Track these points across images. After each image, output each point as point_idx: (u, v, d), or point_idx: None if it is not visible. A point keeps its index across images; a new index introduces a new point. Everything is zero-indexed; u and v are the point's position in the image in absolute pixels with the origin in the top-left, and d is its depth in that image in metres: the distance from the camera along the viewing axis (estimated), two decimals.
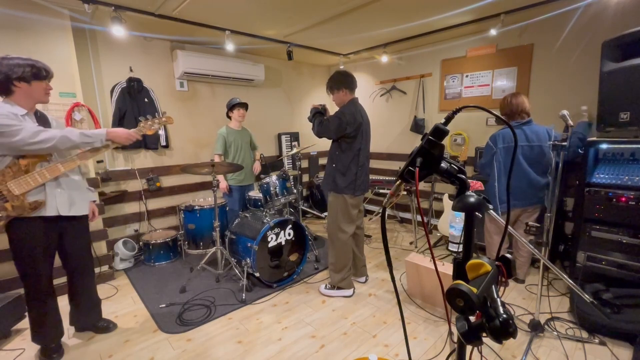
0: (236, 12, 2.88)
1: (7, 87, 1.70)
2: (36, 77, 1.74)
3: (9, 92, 1.71)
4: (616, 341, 2.01)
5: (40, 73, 1.75)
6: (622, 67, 2.31)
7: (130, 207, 3.54)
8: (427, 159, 0.77)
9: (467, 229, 0.80)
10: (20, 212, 1.73)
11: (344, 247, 2.60)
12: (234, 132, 3.42)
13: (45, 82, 1.80)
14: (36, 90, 1.76)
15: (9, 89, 1.70)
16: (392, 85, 4.59)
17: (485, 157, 2.67)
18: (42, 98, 1.81)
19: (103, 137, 1.85)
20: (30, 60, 1.73)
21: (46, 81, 1.80)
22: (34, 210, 1.76)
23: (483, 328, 0.67)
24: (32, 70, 1.71)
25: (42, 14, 2.56)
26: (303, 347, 2.07)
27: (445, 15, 3.09)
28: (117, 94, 3.34)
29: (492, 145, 2.60)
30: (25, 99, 1.75)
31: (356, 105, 2.51)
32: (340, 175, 2.52)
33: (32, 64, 1.72)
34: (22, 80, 1.70)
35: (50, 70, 1.82)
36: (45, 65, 1.79)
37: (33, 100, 1.79)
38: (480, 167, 2.73)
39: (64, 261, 2.05)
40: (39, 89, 1.77)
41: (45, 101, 1.84)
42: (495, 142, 2.59)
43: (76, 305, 2.17)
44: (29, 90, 1.74)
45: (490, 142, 2.63)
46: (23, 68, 1.69)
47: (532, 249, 1.85)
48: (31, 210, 1.75)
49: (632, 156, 2.48)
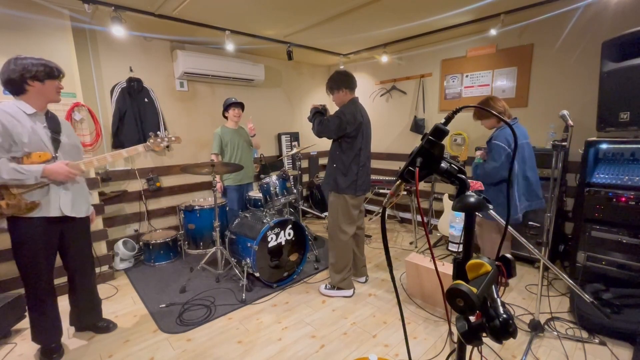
0: (236, 12, 2.88)
1: (21, 86, 1.72)
2: (49, 76, 1.77)
3: (23, 91, 1.73)
4: (616, 341, 2.01)
5: (53, 72, 1.78)
6: (622, 67, 2.31)
7: (130, 207, 3.54)
8: (427, 159, 0.77)
9: (467, 229, 0.80)
10: (15, 211, 1.72)
11: (344, 247, 2.60)
12: (230, 131, 3.42)
13: (58, 81, 1.82)
14: (49, 89, 1.78)
15: (23, 88, 1.72)
16: (392, 85, 4.59)
17: (497, 160, 2.34)
18: (54, 97, 1.83)
19: (38, 175, 1.71)
20: (42, 60, 1.76)
21: (58, 80, 1.82)
22: (30, 210, 1.75)
23: (483, 328, 0.67)
24: (45, 69, 1.74)
25: (42, 14, 2.56)
26: (303, 347, 2.07)
27: (445, 15, 3.09)
28: (117, 94, 3.34)
29: (506, 146, 2.31)
30: (38, 98, 1.77)
31: (356, 105, 2.51)
32: (341, 175, 2.51)
33: (45, 63, 1.75)
34: (36, 79, 1.73)
35: (62, 70, 1.84)
36: (56, 65, 1.81)
37: (45, 99, 1.80)
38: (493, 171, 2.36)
39: (64, 261, 2.05)
40: (52, 87, 1.79)
41: (57, 100, 1.86)
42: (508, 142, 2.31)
43: (76, 305, 2.17)
44: (42, 89, 1.76)
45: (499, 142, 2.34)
46: (37, 67, 1.71)
47: (532, 249, 1.85)
48: (27, 210, 1.74)
49: (632, 156, 2.49)
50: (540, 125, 3.29)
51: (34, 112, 1.77)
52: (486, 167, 2.36)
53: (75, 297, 2.14)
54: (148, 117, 3.52)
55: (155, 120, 3.57)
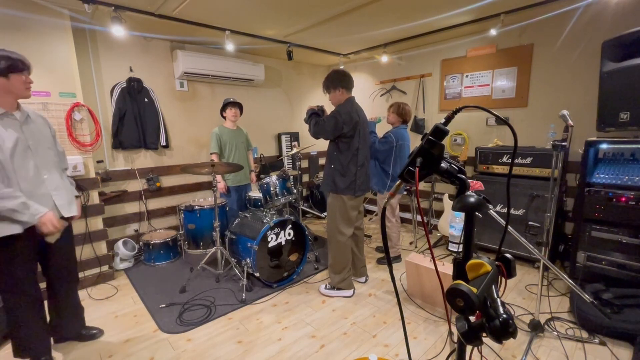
0: (236, 12, 2.88)
1: None
2: (14, 70, 1.59)
3: None
4: (616, 341, 2.01)
5: (17, 65, 1.60)
6: (622, 67, 2.31)
7: (130, 207, 3.54)
8: (427, 159, 0.77)
9: (467, 229, 0.80)
10: None
11: (342, 248, 2.59)
12: (228, 131, 3.42)
13: (25, 75, 1.65)
14: (15, 85, 1.61)
15: None
16: (392, 85, 4.59)
17: (384, 146, 3.08)
18: (22, 92, 1.66)
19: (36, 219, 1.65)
20: (4, 52, 1.57)
21: (25, 73, 1.65)
22: None
23: (483, 328, 0.67)
24: (7, 62, 1.56)
25: (42, 14, 2.56)
26: (303, 347, 2.07)
27: (445, 15, 3.09)
28: (117, 94, 3.34)
29: (393, 141, 3.04)
30: (4, 95, 1.61)
31: (353, 105, 2.50)
32: (339, 176, 2.51)
33: (8, 55, 1.57)
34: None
35: (28, 62, 1.67)
36: (21, 56, 1.64)
37: (13, 96, 1.64)
38: (380, 153, 3.11)
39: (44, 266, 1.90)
40: (18, 82, 1.62)
41: (27, 96, 1.69)
42: (396, 139, 3.06)
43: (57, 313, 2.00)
44: (7, 85, 1.59)
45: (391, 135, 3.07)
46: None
47: (532, 249, 1.85)
48: None
49: (632, 156, 2.49)
50: (540, 125, 3.29)
51: (3, 112, 1.61)
52: (376, 144, 3.08)
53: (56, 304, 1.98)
54: (148, 117, 3.52)
55: (155, 120, 3.57)
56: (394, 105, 3.20)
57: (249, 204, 3.53)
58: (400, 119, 3.18)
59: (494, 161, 3.28)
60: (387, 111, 3.26)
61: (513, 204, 3.07)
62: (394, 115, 3.18)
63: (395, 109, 3.17)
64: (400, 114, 3.16)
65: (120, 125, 3.36)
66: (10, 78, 1.60)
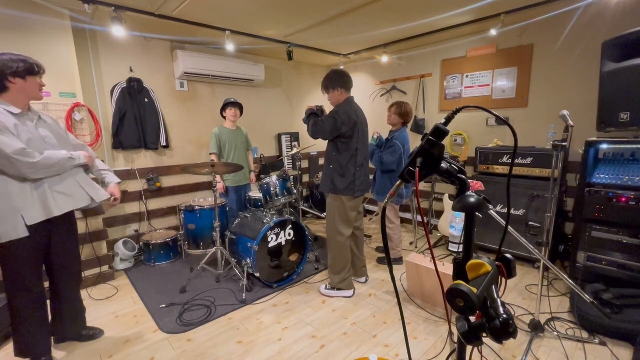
0: (236, 12, 2.88)
1: (2, 83, 1.65)
2: (30, 72, 1.70)
3: (4, 88, 1.66)
4: (616, 341, 2.01)
5: (33, 68, 1.71)
6: (622, 67, 2.31)
7: (130, 207, 3.54)
8: (427, 159, 0.77)
9: (467, 229, 0.80)
10: None
11: (341, 248, 2.59)
12: (227, 131, 3.42)
13: (39, 78, 1.76)
14: (31, 86, 1.72)
15: (4, 85, 1.65)
16: (392, 85, 4.59)
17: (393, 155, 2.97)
18: (36, 94, 1.76)
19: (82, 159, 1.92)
20: (21, 56, 1.69)
21: (39, 76, 1.76)
22: None
23: (483, 328, 0.67)
24: (25, 65, 1.67)
25: (42, 14, 2.56)
26: (303, 347, 2.07)
27: (445, 15, 3.09)
28: (117, 94, 3.33)
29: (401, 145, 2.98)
30: (20, 96, 1.70)
31: (351, 104, 2.49)
32: (338, 176, 2.50)
33: (25, 59, 1.69)
34: (17, 76, 1.66)
35: (42, 66, 1.78)
36: (36, 60, 1.75)
37: (27, 96, 1.74)
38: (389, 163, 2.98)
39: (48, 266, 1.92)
40: (34, 84, 1.73)
41: (39, 98, 1.79)
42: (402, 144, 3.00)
43: (59, 313, 2.01)
44: (24, 86, 1.69)
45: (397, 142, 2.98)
46: (17, 63, 1.64)
47: (532, 249, 1.85)
48: None
49: (632, 156, 2.48)
50: (540, 125, 3.29)
51: (19, 111, 1.70)
52: (384, 158, 2.98)
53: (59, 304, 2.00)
54: (148, 117, 3.52)
55: (155, 120, 3.57)
56: (395, 105, 3.10)
57: (249, 204, 3.53)
58: (402, 120, 3.10)
59: (494, 161, 3.28)
60: (387, 111, 3.18)
61: (513, 204, 3.07)
62: (395, 116, 3.09)
63: (396, 109, 3.08)
64: (402, 115, 3.07)
65: (120, 125, 3.36)
66: (27, 80, 1.70)
